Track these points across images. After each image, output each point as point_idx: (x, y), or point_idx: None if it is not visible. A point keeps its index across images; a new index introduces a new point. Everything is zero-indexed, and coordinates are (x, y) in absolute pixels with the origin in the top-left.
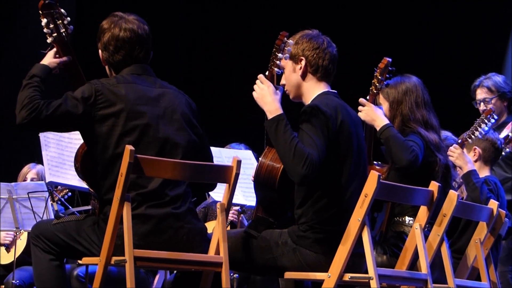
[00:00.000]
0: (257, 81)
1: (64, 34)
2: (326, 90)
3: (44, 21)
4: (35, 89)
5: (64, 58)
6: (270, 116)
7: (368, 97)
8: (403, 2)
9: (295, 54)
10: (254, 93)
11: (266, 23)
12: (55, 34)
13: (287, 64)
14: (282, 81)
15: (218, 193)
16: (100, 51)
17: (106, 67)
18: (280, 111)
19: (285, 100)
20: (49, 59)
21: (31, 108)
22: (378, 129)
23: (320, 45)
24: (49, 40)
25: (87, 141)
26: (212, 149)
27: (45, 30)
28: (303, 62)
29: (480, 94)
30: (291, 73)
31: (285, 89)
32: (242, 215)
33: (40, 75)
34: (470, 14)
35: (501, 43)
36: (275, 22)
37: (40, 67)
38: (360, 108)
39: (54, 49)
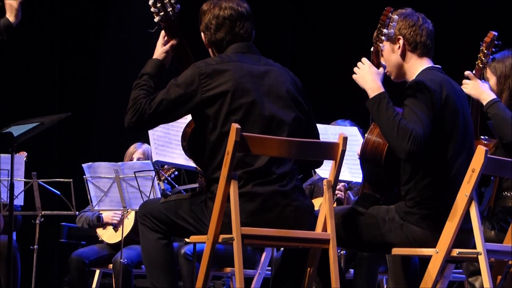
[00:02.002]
0: (359, 63)
1: (171, 13)
2: (430, 65)
3: (151, 0)
4: (141, 88)
5: (172, 42)
6: (371, 94)
7: (474, 72)
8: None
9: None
10: (354, 75)
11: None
12: (162, 13)
13: (385, 45)
14: (382, 63)
15: (324, 170)
16: (202, 33)
17: (210, 50)
18: (381, 89)
19: (387, 78)
20: (158, 49)
21: (134, 110)
22: (484, 103)
23: (416, 22)
24: (156, 19)
25: (196, 122)
26: (318, 126)
27: (152, 9)
28: (401, 41)
29: None
30: (390, 54)
31: (386, 71)
32: (348, 191)
33: (148, 72)
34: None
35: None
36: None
37: (150, 63)
38: (465, 81)
39: (162, 35)
